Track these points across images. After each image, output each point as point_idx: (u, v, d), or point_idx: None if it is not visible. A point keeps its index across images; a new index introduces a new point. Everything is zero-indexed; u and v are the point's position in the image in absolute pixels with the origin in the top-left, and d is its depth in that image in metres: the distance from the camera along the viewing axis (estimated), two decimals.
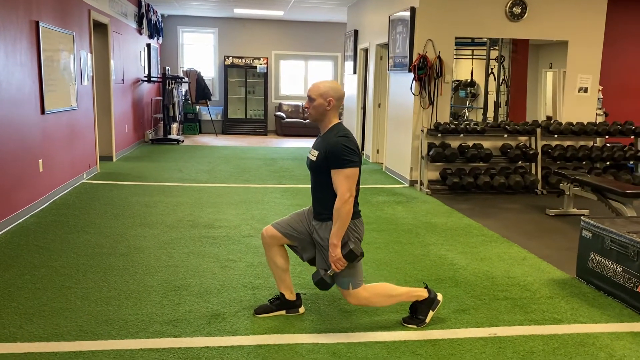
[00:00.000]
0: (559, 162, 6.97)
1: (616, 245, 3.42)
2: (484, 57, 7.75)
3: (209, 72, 13.29)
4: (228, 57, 12.95)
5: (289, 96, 13.80)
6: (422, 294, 3.00)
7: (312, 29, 13.46)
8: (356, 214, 2.81)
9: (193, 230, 4.72)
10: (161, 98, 11.29)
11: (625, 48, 8.85)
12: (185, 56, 13.30)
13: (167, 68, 11.57)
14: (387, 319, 3.05)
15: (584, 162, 6.99)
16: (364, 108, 9.58)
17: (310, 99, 2.79)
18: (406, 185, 7.13)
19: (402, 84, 7.26)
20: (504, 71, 7.66)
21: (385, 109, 8.38)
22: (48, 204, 5.52)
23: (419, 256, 4.21)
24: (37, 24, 5.26)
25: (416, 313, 3.01)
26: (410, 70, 6.83)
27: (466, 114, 8.49)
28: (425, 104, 6.86)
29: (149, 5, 10.77)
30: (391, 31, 7.62)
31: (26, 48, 5.05)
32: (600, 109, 7.89)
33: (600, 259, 3.56)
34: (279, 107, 13.41)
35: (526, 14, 6.86)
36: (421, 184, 6.85)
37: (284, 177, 7.46)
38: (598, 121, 7.37)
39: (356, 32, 9.81)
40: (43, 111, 5.43)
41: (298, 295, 3.12)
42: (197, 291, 3.39)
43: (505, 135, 6.96)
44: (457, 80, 8.17)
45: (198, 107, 12.80)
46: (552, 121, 7.11)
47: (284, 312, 3.08)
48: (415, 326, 2.97)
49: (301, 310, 3.12)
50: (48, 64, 5.55)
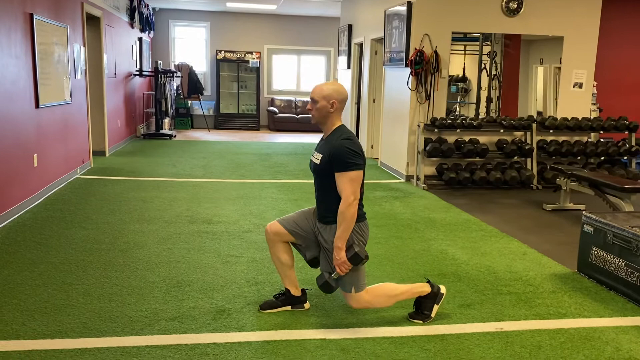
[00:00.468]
0: (554, 158, 7.00)
1: (619, 240, 3.43)
2: (477, 53, 7.75)
3: (201, 67, 13.19)
4: (220, 52, 12.86)
5: (282, 91, 13.74)
6: (425, 289, 2.99)
7: (305, 24, 13.41)
8: (361, 217, 2.79)
9: (192, 226, 4.68)
10: (153, 92, 11.19)
11: (619, 44, 8.91)
12: (176, 50, 13.18)
13: (160, 62, 11.46)
14: (393, 314, 3.04)
15: (579, 158, 7.03)
16: (358, 103, 9.55)
17: (314, 101, 2.77)
18: (402, 180, 7.12)
19: (398, 79, 7.25)
20: (496, 66, 7.67)
21: (380, 104, 8.36)
22: (43, 199, 5.45)
23: (420, 251, 4.21)
24: (32, 16, 5.18)
25: (421, 308, 3.01)
26: (406, 65, 6.82)
27: (457, 109, 8.50)
28: (422, 99, 6.85)
29: None
30: (387, 26, 7.60)
31: (20, 41, 4.97)
32: (594, 104, 7.93)
33: (602, 253, 3.58)
34: (272, 102, 13.35)
35: (522, 9, 6.87)
36: (418, 179, 6.85)
37: (279, 173, 7.43)
38: (592, 117, 7.41)
39: (350, 27, 9.77)
40: (37, 105, 5.35)
41: (303, 290, 3.10)
42: (200, 287, 3.36)
43: (501, 131, 6.98)
44: (450, 76, 8.15)
45: (190, 102, 12.71)
46: (548, 116, 7.14)
47: (289, 308, 3.07)
48: (421, 321, 2.97)
49: (306, 305, 3.10)
50: (42, 57, 5.47)
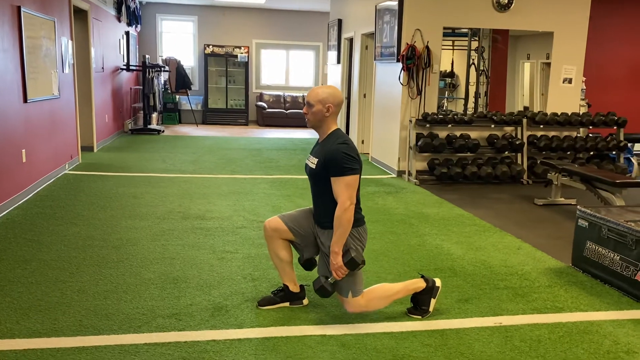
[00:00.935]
0: (544, 153, 7.04)
1: (613, 234, 3.46)
2: (465, 48, 7.76)
3: (189, 61, 13.07)
4: (208, 46, 12.75)
5: (270, 86, 13.67)
6: (420, 284, 2.97)
7: (294, 18, 13.34)
8: (359, 221, 2.78)
9: (185, 222, 4.64)
10: (140, 87, 11.06)
11: (608, 40, 8.98)
12: (164, 44, 13.06)
13: (147, 56, 11.34)
14: (392, 310, 3.04)
15: (569, 153, 7.08)
16: (348, 98, 9.52)
17: (309, 105, 2.74)
18: (394, 175, 7.13)
19: (390, 74, 7.24)
20: (484, 62, 7.69)
21: (371, 99, 8.34)
22: (32, 195, 5.36)
23: (415, 246, 4.21)
24: (19, 9, 5.08)
25: (419, 304, 3.00)
26: (398, 60, 6.81)
27: (445, 104, 8.51)
28: (414, 94, 6.85)
29: None
30: (378, 20, 7.58)
31: (8, 34, 4.87)
32: (583, 99, 7.99)
33: (597, 247, 3.61)
34: (260, 97, 13.28)
35: (513, 5, 6.89)
36: (409, 174, 6.86)
37: (270, 168, 7.39)
38: (581, 112, 7.46)
39: (340, 22, 9.74)
40: (26, 100, 5.26)
41: (302, 286, 3.08)
42: (197, 284, 3.33)
43: (492, 126, 7.00)
44: None
45: (178, 97, 12.59)
46: (538, 112, 7.17)
47: (287, 304, 3.05)
48: (420, 317, 2.97)
49: (305, 302, 3.08)
50: (30, 50, 5.37)
